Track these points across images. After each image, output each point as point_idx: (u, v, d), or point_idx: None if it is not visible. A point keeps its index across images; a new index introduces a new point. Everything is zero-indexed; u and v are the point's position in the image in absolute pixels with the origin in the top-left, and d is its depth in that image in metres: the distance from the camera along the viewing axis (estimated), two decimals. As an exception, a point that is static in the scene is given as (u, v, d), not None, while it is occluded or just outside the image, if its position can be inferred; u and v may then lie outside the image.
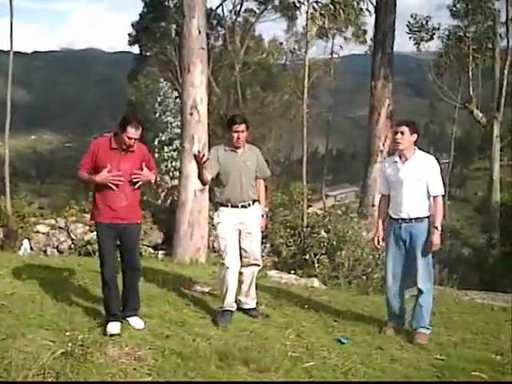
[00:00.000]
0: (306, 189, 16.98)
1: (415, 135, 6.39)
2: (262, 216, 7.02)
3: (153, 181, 6.52)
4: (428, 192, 6.38)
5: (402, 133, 6.33)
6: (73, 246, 13.40)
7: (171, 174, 20.92)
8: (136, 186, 6.09)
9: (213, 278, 9.63)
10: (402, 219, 6.43)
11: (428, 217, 6.39)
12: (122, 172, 5.91)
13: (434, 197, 6.37)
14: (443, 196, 6.46)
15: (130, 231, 6.11)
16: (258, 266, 7.02)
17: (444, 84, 34.50)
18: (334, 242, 11.92)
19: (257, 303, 7.18)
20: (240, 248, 6.82)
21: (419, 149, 6.53)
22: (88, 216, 14.05)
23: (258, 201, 6.97)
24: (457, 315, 7.94)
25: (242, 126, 6.65)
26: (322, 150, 71.09)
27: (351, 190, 73.23)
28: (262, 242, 8.08)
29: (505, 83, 26.26)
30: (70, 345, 5.18)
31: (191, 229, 12.39)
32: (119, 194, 5.96)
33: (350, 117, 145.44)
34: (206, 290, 8.40)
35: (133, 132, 5.82)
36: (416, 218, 6.37)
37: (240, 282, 6.95)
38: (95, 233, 6.39)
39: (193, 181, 12.52)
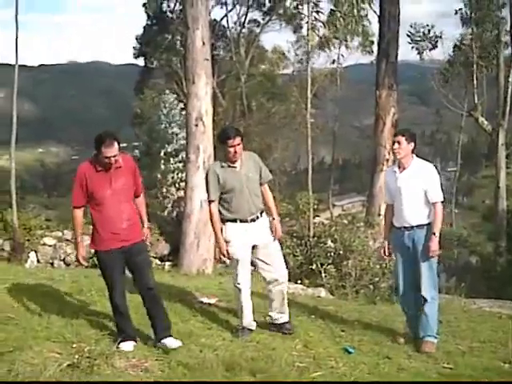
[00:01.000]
0: (313, 198, 16.96)
1: (412, 144, 6.44)
2: (273, 219, 6.66)
3: (141, 198, 6.20)
4: (427, 199, 6.41)
5: (399, 142, 6.40)
6: (80, 258, 13.38)
7: (177, 185, 20.96)
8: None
9: (220, 288, 9.67)
10: (405, 227, 6.48)
11: (429, 223, 6.41)
12: (115, 191, 5.68)
13: (434, 203, 6.39)
14: (443, 202, 6.48)
15: (137, 250, 5.85)
16: (285, 282, 6.72)
17: (450, 92, 34.49)
18: (341, 252, 11.90)
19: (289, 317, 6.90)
20: (260, 262, 6.56)
21: (418, 156, 6.58)
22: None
23: (265, 211, 6.64)
24: (464, 324, 7.91)
25: (238, 140, 6.25)
26: (328, 160, 71.06)
27: (358, 199, 73.04)
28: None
29: (509, 91, 26.27)
30: (76, 357, 5.15)
31: (197, 240, 12.39)
32: (120, 215, 5.73)
33: (356, 126, 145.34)
34: (213, 301, 8.39)
35: (109, 151, 5.52)
36: (417, 226, 6.42)
37: (270, 300, 6.73)
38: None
39: (198, 192, 12.53)
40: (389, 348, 6.38)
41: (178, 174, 25.20)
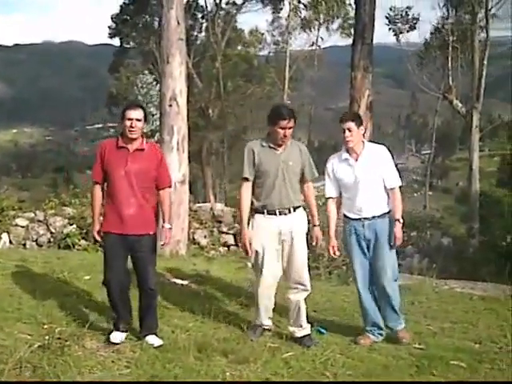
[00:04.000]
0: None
1: (362, 128, 5.95)
2: (316, 226, 5.96)
3: (169, 193, 5.91)
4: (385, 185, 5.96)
5: (350, 129, 5.85)
6: (52, 239, 13.28)
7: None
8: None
9: (193, 270, 9.66)
10: (365, 218, 5.93)
11: (390, 211, 5.97)
12: (129, 172, 5.39)
13: (391, 189, 5.95)
14: (400, 188, 6.05)
15: (141, 245, 5.51)
16: (306, 291, 5.94)
17: (425, 75, 34.71)
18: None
19: (311, 327, 6.10)
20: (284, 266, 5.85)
21: (369, 141, 6.17)
22: (68, 209, 13.97)
23: (303, 207, 5.93)
24: (436, 304, 7.97)
25: (292, 122, 5.63)
26: (303, 142, 71.23)
27: (333, 181, 73.24)
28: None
29: (484, 74, 26.50)
30: (47, 338, 5.13)
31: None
32: (129, 199, 5.40)
33: (332, 108, 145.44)
34: (186, 282, 8.39)
35: (132, 112, 5.37)
36: (379, 216, 5.92)
37: (287, 310, 6.04)
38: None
39: (173, 173, 12.44)
40: (360, 329, 6.40)
41: (153, 155, 25.09)
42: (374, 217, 5.91)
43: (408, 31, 32.20)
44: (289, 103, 40.01)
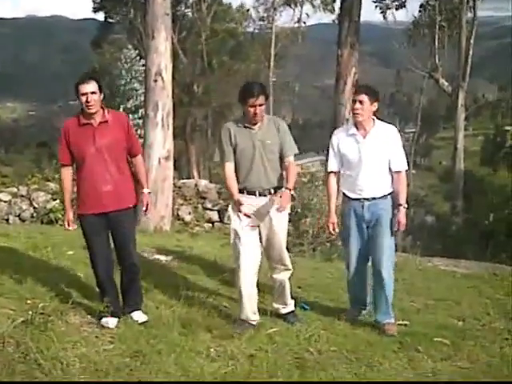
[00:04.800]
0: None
1: (376, 104, 5.61)
2: (288, 189, 5.47)
3: (139, 158, 5.62)
4: (389, 166, 5.71)
5: (361, 102, 5.54)
6: (35, 214, 13.21)
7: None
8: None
9: (177, 246, 9.64)
10: (365, 198, 5.70)
11: (391, 193, 5.74)
12: (99, 148, 5.17)
13: (397, 172, 5.70)
14: (406, 171, 5.81)
15: (121, 220, 5.30)
16: (288, 270, 5.78)
17: (412, 53, 34.75)
18: (299, 210, 11.91)
19: (295, 304, 6.06)
20: (263, 244, 5.65)
21: (378, 118, 5.77)
22: (51, 184, 13.88)
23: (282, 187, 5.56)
24: (419, 281, 8.03)
25: (261, 99, 5.38)
26: (288, 120, 71.08)
27: (317, 158, 73.27)
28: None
29: (470, 53, 26.55)
30: (30, 313, 5.08)
31: (155, 197, 12.24)
32: (104, 175, 5.19)
33: (317, 86, 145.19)
34: (170, 258, 8.38)
35: (84, 86, 5.08)
36: (380, 197, 5.68)
37: (272, 287, 5.94)
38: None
39: (156, 148, 12.40)
40: (345, 305, 6.42)
41: (137, 130, 24.96)
42: (374, 198, 5.67)
43: (397, 9, 32.12)
44: (274, 80, 39.96)
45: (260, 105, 5.37)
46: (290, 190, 5.49)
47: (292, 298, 5.98)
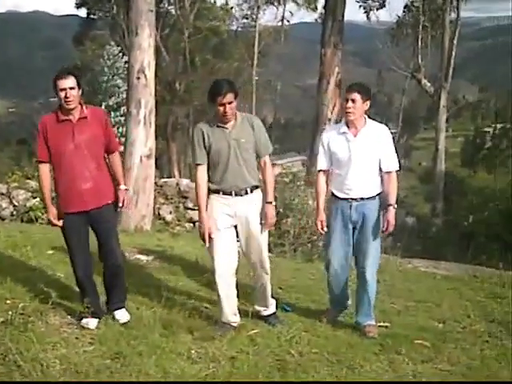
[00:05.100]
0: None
1: (368, 103, 5.56)
2: (269, 203, 5.47)
3: (116, 155, 5.53)
4: (380, 167, 5.65)
5: (354, 100, 5.48)
6: (15, 212, 13.10)
7: (118, 139, 20.63)
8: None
9: (158, 246, 9.60)
10: (353, 199, 5.62)
11: (379, 194, 5.67)
12: (78, 145, 5.07)
13: (388, 172, 5.64)
14: (397, 172, 5.72)
15: (102, 216, 5.23)
16: (267, 274, 5.64)
17: (395, 54, 34.94)
18: (281, 210, 11.90)
19: (277, 305, 6.01)
20: (241, 244, 5.57)
21: (369, 117, 5.72)
22: (31, 182, 13.75)
23: (260, 186, 5.56)
24: (400, 283, 8.05)
25: (229, 96, 5.22)
26: (270, 119, 71.12)
27: (299, 158, 73.39)
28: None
29: (453, 54, 26.70)
30: (10, 313, 5.04)
31: (136, 196, 12.19)
32: (83, 172, 5.09)
33: (299, 85, 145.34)
34: (151, 258, 8.34)
35: (63, 82, 5.00)
36: (368, 198, 5.61)
37: (253, 289, 5.87)
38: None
39: (138, 146, 12.33)
40: (326, 306, 6.42)
41: (118, 128, 24.87)
42: (362, 198, 5.60)
43: (378, 9, 32.28)
44: (256, 79, 39.95)
45: (229, 103, 5.23)
46: (271, 202, 5.49)
47: (273, 298, 5.95)
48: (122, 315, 5.44)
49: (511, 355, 5.35)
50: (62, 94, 5.02)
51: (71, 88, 5.03)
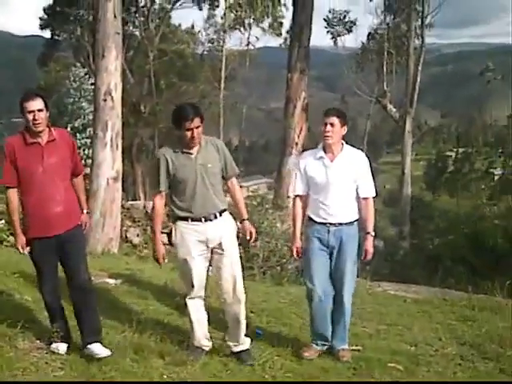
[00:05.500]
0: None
1: (345, 127, 5.53)
2: (244, 221, 5.51)
3: (80, 178, 5.41)
4: (357, 193, 5.62)
5: (332, 124, 5.43)
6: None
7: (84, 162, 20.44)
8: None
9: (126, 269, 9.49)
10: (331, 223, 5.54)
11: (357, 219, 5.64)
12: (47, 168, 4.94)
13: (365, 198, 5.63)
14: (374, 198, 5.72)
15: (73, 236, 5.10)
16: (240, 302, 5.39)
17: (360, 79, 35.41)
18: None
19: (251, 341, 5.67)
20: (214, 270, 5.45)
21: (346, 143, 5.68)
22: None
23: (227, 209, 5.44)
24: (370, 306, 8.02)
25: (197, 121, 5.08)
26: (235, 142, 71.28)
27: (264, 181, 73.65)
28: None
29: (418, 79, 27.13)
30: (-23, 338, 4.92)
31: (103, 219, 12.07)
32: (54, 196, 4.96)
33: (263, 108, 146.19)
34: (119, 282, 8.23)
35: (31, 104, 4.85)
36: (346, 223, 5.55)
37: (225, 322, 5.59)
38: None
39: (105, 169, 12.22)
40: (297, 330, 6.39)
41: (84, 150, 24.67)
42: (340, 224, 5.52)
43: (344, 34, 32.76)
44: (223, 103, 40.07)
45: (197, 127, 5.09)
46: (246, 219, 5.50)
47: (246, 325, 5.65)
48: (99, 350, 5.02)
49: (483, 378, 5.37)
50: (30, 117, 4.87)
51: (39, 110, 4.90)
